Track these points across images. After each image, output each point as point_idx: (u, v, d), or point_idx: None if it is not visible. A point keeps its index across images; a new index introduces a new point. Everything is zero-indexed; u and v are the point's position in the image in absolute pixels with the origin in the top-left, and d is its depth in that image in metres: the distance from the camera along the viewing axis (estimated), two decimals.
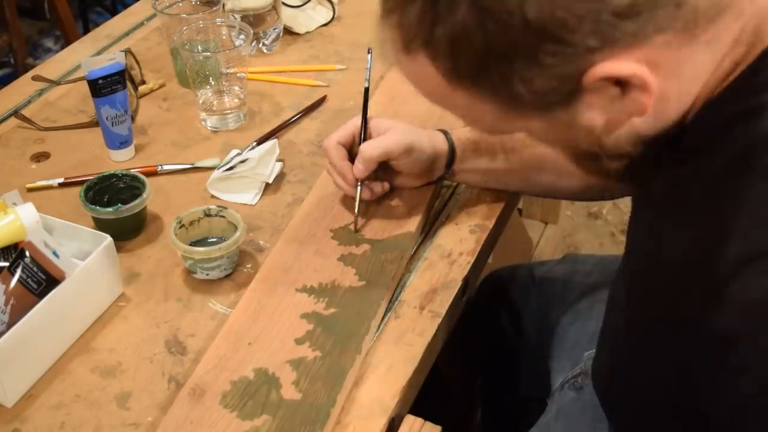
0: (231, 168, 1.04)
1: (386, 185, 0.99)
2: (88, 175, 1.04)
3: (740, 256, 0.55)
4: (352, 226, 0.96)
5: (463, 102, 0.62)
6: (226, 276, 0.94)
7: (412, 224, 0.97)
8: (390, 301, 0.90)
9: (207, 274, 0.93)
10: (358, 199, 0.95)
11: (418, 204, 0.99)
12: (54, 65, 1.34)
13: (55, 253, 0.83)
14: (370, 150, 0.94)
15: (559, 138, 0.68)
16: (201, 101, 1.17)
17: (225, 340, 0.84)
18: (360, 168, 0.95)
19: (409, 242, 0.95)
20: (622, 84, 0.58)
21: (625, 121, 0.62)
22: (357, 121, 0.98)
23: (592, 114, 0.61)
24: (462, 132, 0.99)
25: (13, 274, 0.82)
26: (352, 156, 0.97)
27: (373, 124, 0.98)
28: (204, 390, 0.79)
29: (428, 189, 1.01)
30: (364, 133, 0.97)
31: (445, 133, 0.99)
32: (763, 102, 0.58)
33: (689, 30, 0.57)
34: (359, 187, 0.96)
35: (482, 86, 0.60)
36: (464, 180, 1.02)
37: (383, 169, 0.98)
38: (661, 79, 0.58)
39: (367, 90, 0.99)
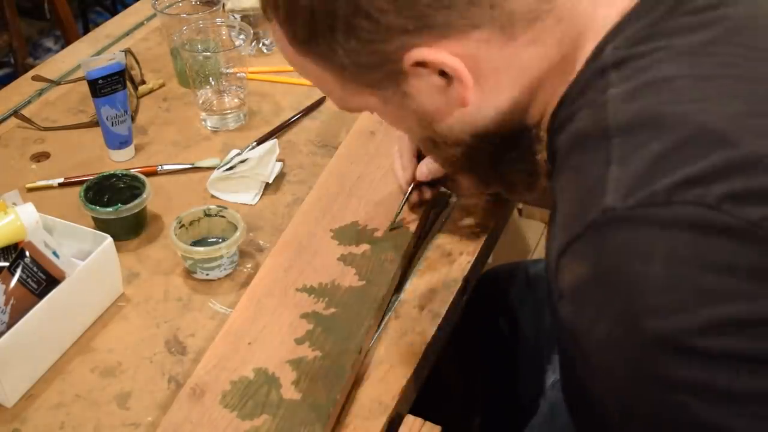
0: (231, 168, 1.04)
1: (437, 192, 0.99)
2: (88, 175, 1.04)
3: (558, 250, 0.56)
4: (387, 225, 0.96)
5: (312, 71, 0.68)
6: (226, 276, 0.94)
7: (412, 224, 0.97)
8: (390, 301, 0.90)
9: (207, 274, 0.93)
10: (405, 199, 0.96)
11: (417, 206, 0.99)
12: (54, 65, 1.34)
13: (55, 253, 0.83)
14: (427, 169, 0.94)
15: (396, 120, 0.72)
16: (201, 101, 1.17)
17: (225, 340, 0.84)
18: (424, 172, 0.95)
19: (409, 242, 0.95)
20: (446, 75, 0.63)
21: (452, 112, 0.66)
22: None
23: (420, 99, 0.66)
24: None
25: (13, 274, 0.82)
26: (421, 154, 0.96)
27: None
28: (204, 390, 0.79)
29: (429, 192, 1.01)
30: None
31: None
32: (575, 109, 0.61)
33: (506, 31, 0.61)
34: (412, 188, 0.96)
35: (317, 54, 0.65)
36: (521, 198, 1.01)
37: (442, 177, 0.97)
38: (488, 73, 0.63)
39: None
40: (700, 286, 0.50)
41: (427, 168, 0.95)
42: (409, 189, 0.96)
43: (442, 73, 0.63)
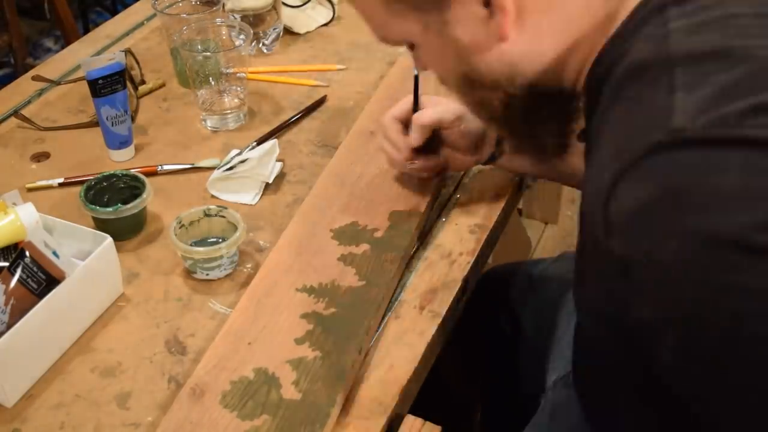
0: (231, 168, 1.04)
1: (441, 161, 1.00)
2: (88, 175, 1.04)
3: (612, 179, 0.56)
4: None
5: None
6: (226, 276, 0.94)
7: (412, 223, 0.97)
8: (390, 301, 0.90)
9: (207, 274, 0.93)
10: (413, 174, 0.99)
11: (418, 204, 0.99)
12: (54, 65, 1.34)
13: (55, 253, 0.83)
14: (423, 117, 0.96)
15: (435, 50, 0.71)
16: (201, 101, 1.17)
17: (225, 340, 0.84)
18: (415, 136, 0.97)
19: (409, 242, 0.95)
20: (489, 6, 0.63)
21: (491, 46, 0.66)
22: (409, 99, 0.99)
23: (461, 29, 0.66)
24: None
25: (13, 274, 0.82)
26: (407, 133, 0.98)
27: (424, 99, 0.98)
28: (204, 390, 0.79)
29: (428, 189, 1.01)
30: (416, 107, 0.98)
31: None
32: (628, 46, 0.61)
33: None
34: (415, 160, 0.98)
35: None
36: (511, 164, 1.01)
37: (433, 149, 0.99)
38: (532, 11, 0.64)
39: (416, 78, 0.99)
40: None
41: (417, 132, 0.96)
42: (414, 161, 0.98)
43: (486, 4, 0.63)
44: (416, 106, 0.98)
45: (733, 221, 0.50)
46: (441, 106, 0.97)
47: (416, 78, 0.99)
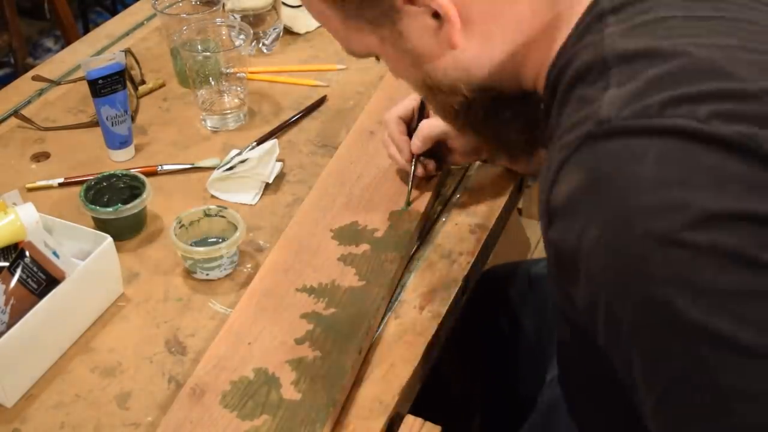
0: (231, 168, 1.04)
1: (433, 164, 1.02)
2: (88, 175, 1.04)
3: (554, 171, 0.58)
4: (404, 202, 1.00)
5: (316, 6, 0.72)
6: (226, 276, 0.94)
7: (412, 223, 0.97)
8: (390, 301, 0.90)
9: (207, 274, 0.93)
10: (412, 175, 0.99)
11: (418, 204, 0.99)
12: (54, 65, 1.34)
13: (55, 253, 0.83)
14: (428, 129, 0.98)
15: (394, 61, 0.75)
16: (201, 101, 1.17)
17: (225, 340, 0.84)
18: (418, 145, 0.99)
19: (409, 242, 0.95)
20: (438, 17, 0.66)
21: (444, 54, 0.69)
22: (417, 96, 1.00)
23: (413, 40, 0.69)
24: None
25: (13, 274, 0.82)
26: (410, 131, 1.00)
27: None
28: (204, 390, 0.79)
29: (428, 189, 1.01)
30: (422, 112, 1.00)
31: None
32: (575, 52, 0.64)
33: None
34: (414, 163, 0.99)
35: None
36: (523, 166, 1.02)
37: (436, 146, 1.00)
38: (479, 18, 0.67)
39: None
40: (690, 183, 0.52)
41: (421, 142, 0.98)
42: (412, 165, 0.99)
43: (435, 15, 0.66)
44: (422, 112, 0.99)
45: (645, 209, 0.52)
46: None
47: None
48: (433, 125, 0.98)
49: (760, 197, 0.51)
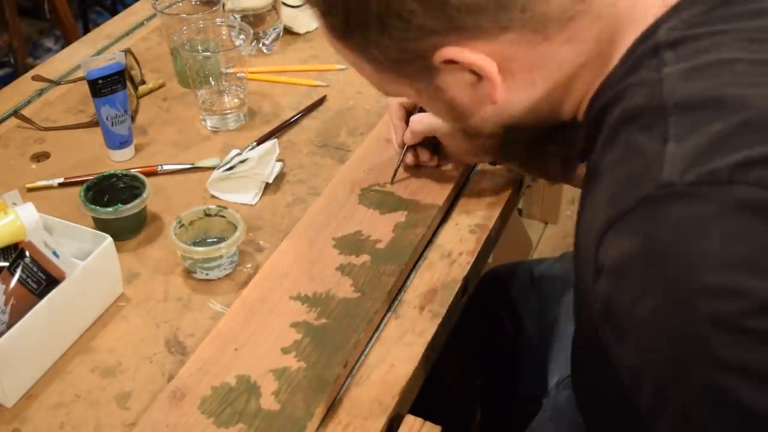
0: (231, 168, 1.04)
1: (434, 159, 1.03)
2: (88, 175, 1.04)
3: (603, 224, 0.56)
4: (388, 185, 1.02)
5: (350, 57, 0.70)
6: (226, 276, 0.94)
7: (416, 236, 0.95)
8: (384, 315, 0.88)
9: (207, 274, 0.93)
10: (399, 161, 1.02)
11: (425, 217, 0.98)
12: (54, 65, 1.34)
13: (55, 253, 0.83)
14: (417, 125, 0.98)
15: (430, 108, 0.74)
16: (201, 101, 1.17)
17: (212, 344, 0.83)
18: (408, 137, 1.00)
19: (410, 256, 0.93)
20: (476, 72, 0.64)
21: (483, 107, 0.68)
22: None
23: (452, 94, 0.68)
24: None
25: (13, 274, 0.82)
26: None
27: None
28: (185, 393, 0.78)
29: (437, 200, 1.01)
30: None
31: None
32: (623, 88, 0.61)
33: (539, 32, 0.62)
34: (405, 150, 1.01)
35: (352, 43, 0.67)
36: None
37: (430, 142, 1.01)
38: (519, 71, 0.64)
39: None
40: (756, 267, 0.49)
41: (412, 133, 0.99)
42: (403, 151, 1.01)
43: (473, 71, 0.64)
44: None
45: (709, 290, 0.50)
46: None
47: None
48: (421, 121, 0.97)
49: None
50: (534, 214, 2.17)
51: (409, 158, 1.02)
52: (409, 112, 1.01)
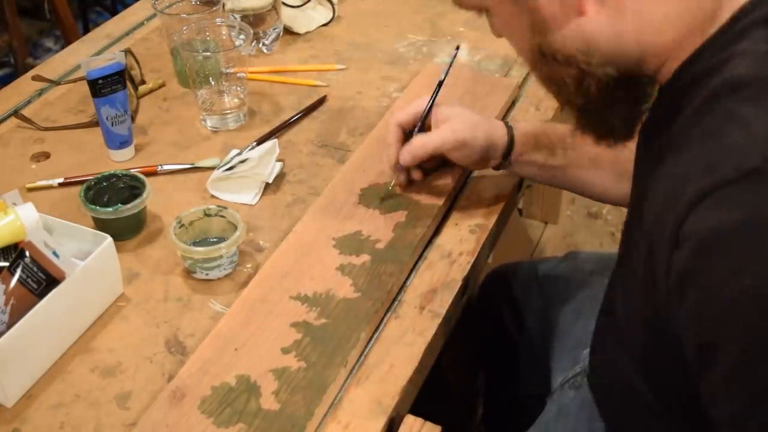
0: (231, 168, 1.04)
1: (420, 174, 1.02)
2: (88, 175, 1.04)
3: (696, 194, 0.55)
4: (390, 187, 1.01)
5: None
6: (226, 276, 0.94)
7: (416, 236, 0.95)
8: (383, 315, 0.88)
9: (207, 274, 0.93)
10: (393, 182, 1.01)
11: (425, 217, 0.98)
12: (54, 65, 1.34)
13: (55, 253, 0.83)
14: (419, 147, 0.97)
15: (509, 20, 0.70)
16: (201, 101, 1.17)
17: (212, 344, 0.83)
18: (406, 158, 0.98)
19: (410, 256, 0.93)
20: None
21: (569, 20, 0.64)
22: (423, 103, 0.99)
23: (539, 1, 0.65)
24: (523, 125, 1.00)
25: (13, 274, 0.82)
26: (410, 136, 0.99)
27: (434, 112, 0.99)
28: (184, 393, 0.78)
29: (436, 201, 1.01)
30: (423, 123, 0.99)
31: (506, 123, 1.00)
32: (726, 57, 0.59)
33: None
34: (398, 171, 1.01)
35: None
36: (518, 171, 1.02)
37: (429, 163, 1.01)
38: None
39: (440, 83, 1.00)
40: None
41: (410, 156, 0.97)
42: (397, 172, 1.00)
43: None
44: (423, 122, 0.99)
45: None
46: (443, 132, 0.96)
47: (439, 85, 0.99)
48: (425, 143, 0.96)
49: None
50: (534, 214, 2.17)
51: (402, 179, 1.01)
52: (407, 133, 1.00)
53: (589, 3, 0.63)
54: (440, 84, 1.00)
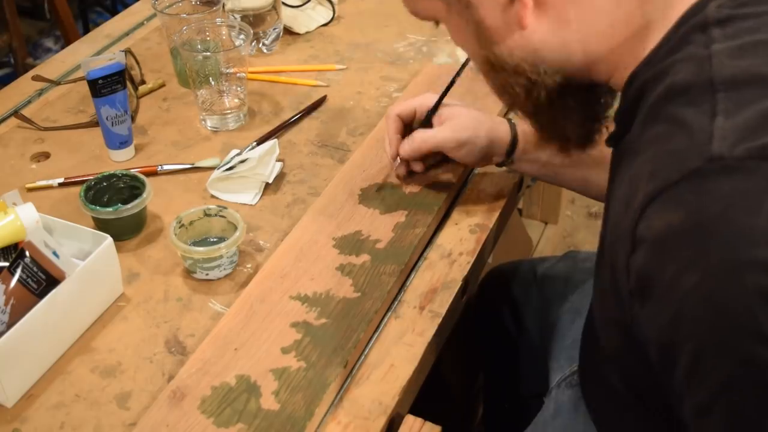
0: (231, 168, 1.04)
1: (421, 166, 1.02)
2: (88, 175, 1.04)
3: (645, 197, 0.56)
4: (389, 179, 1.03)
5: None
6: (226, 276, 0.94)
7: (416, 236, 0.95)
8: (384, 315, 0.88)
9: (207, 274, 0.93)
10: (393, 173, 1.02)
11: (424, 217, 0.98)
12: (54, 65, 1.34)
13: (55, 253, 0.83)
14: (420, 143, 0.97)
15: (458, 32, 0.72)
16: (201, 101, 1.17)
17: (212, 344, 0.83)
18: (407, 150, 0.98)
19: (410, 256, 0.93)
20: None
21: (512, 33, 0.67)
22: (426, 99, 0.99)
23: (481, 12, 0.67)
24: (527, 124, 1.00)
25: (13, 274, 0.82)
26: (409, 130, 1.00)
27: (443, 111, 0.99)
28: (184, 393, 0.78)
29: (435, 201, 1.01)
30: (429, 119, 0.99)
31: (510, 121, 1.00)
32: (671, 62, 0.60)
33: None
34: (398, 162, 1.01)
35: None
36: (521, 169, 1.02)
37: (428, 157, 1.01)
38: (555, 3, 0.64)
39: (452, 82, 1.00)
40: None
41: (410, 149, 0.98)
42: (396, 163, 1.00)
43: None
44: (429, 117, 0.99)
45: (757, 264, 0.50)
46: (445, 129, 0.97)
47: (451, 83, 0.99)
48: (426, 140, 0.97)
49: None
50: (534, 214, 2.17)
51: (402, 170, 1.02)
52: (406, 124, 1.00)
53: (529, 17, 0.65)
54: (452, 82, 1.00)
